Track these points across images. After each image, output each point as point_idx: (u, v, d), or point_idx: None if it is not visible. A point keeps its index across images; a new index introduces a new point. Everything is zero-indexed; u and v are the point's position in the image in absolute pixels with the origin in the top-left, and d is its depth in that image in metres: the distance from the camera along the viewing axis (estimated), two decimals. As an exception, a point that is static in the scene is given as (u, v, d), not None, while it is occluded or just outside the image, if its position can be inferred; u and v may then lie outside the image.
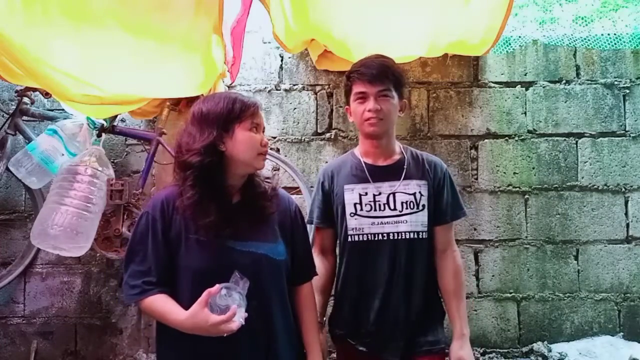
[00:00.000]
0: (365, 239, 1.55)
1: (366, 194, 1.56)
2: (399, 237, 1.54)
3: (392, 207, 1.55)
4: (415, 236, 1.55)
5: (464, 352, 1.56)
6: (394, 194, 1.55)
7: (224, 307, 1.16)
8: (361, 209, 1.56)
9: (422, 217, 1.55)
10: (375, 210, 1.55)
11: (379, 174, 1.58)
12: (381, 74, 1.51)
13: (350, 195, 1.57)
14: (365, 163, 1.61)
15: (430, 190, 1.58)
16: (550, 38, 2.74)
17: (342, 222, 1.61)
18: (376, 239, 1.54)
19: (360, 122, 1.56)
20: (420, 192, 1.56)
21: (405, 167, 1.58)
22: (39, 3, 1.74)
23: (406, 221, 1.54)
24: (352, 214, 1.57)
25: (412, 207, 1.54)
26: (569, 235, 2.66)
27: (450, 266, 1.59)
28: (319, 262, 1.62)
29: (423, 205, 1.55)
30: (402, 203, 1.55)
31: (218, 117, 1.30)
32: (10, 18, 1.66)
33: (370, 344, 1.56)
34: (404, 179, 1.56)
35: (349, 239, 1.58)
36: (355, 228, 1.57)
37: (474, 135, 2.73)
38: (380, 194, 1.56)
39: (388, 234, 1.54)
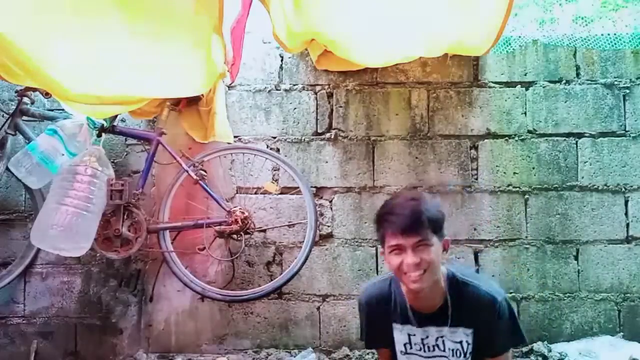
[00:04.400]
0: None
1: (415, 335, 1.54)
2: None
3: (441, 348, 1.52)
4: None
5: None
6: (442, 337, 1.51)
7: None
8: (411, 348, 1.55)
9: None
10: (424, 350, 1.53)
11: (425, 320, 1.52)
12: (416, 225, 1.36)
13: (399, 334, 1.54)
14: (410, 307, 1.53)
15: (479, 335, 1.50)
16: (550, 38, 2.74)
17: (393, 353, 1.60)
18: None
19: (398, 275, 1.43)
20: (467, 342, 1.50)
21: (450, 314, 1.49)
22: (39, 2, 1.74)
23: None
24: (402, 352, 1.56)
25: (458, 355, 1.51)
26: (569, 235, 2.66)
27: None
28: None
29: (470, 354, 1.51)
30: (449, 350, 1.51)
31: None
32: (10, 18, 1.66)
33: None
34: (450, 326, 1.49)
35: None
36: None
37: (474, 135, 2.73)
38: (428, 337, 1.52)
39: None
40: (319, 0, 2.17)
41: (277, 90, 2.79)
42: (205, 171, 2.50)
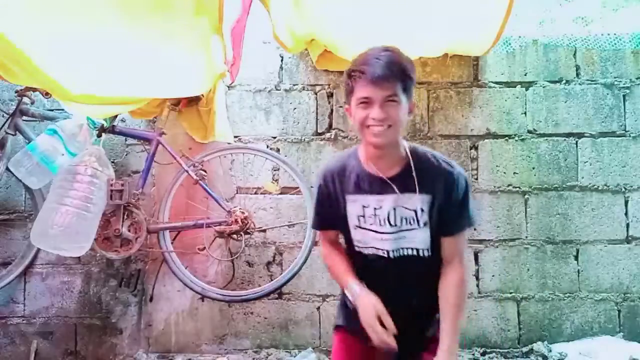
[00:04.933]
0: (368, 252, 1.48)
1: (368, 206, 1.45)
2: (399, 254, 1.45)
3: (392, 222, 1.43)
4: (415, 253, 1.45)
5: None
6: (394, 209, 1.43)
7: None
8: (364, 222, 1.47)
9: (422, 234, 1.44)
10: (376, 225, 1.45)
11: (381, 186, 1.43)
12: (389, 74, 1.29)
13: (353, 206, 1.46)
14: (368, 174, 1.46)
15: (435, 204, 1.43)
16: (550, 38, 2.74)
17: (344, 232, 1.53)
18: (378, 254, 1.46)
19: (361, 128, 1.37)
20: (421, 208, 1.42)
21: (408, 178, 1.42)
22: (39, 3, 1.74)
23: (405, 237, 1.44)
24: (356, 226, 1.48)
25: (411, 223, 1.43)
26: (569, 235, 2.66)
27: (453, 278, 1.46)
28: (333, 248, 1.60)
29: (424, 223, 1.43)
30: (402, 219, 1.43)
31: None
32: (10, 18, 1.66)
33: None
34: (406, 192, 1.42)
35: (356, 249, 1.52)
36: (360, 240, 1.49)
37: (474, 135, 2.73)
38: (381, 207, 1.44)
39: (389, 251, 1.45)
40: (319, 1, 2.18)
41: (277, 90, 2.79)
42: (205, 171, 2.50)
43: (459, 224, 1.47)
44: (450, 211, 1.44)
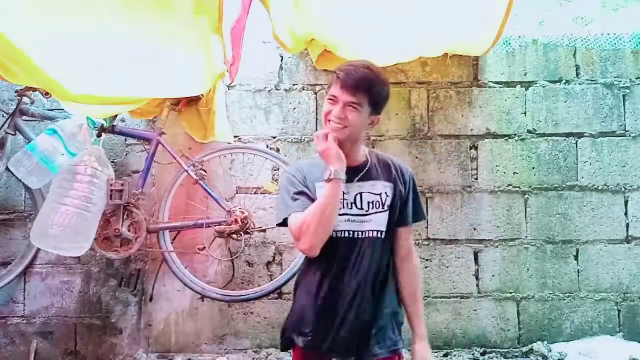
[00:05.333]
0: (335, 235, 1.55)
1: None
2: (365, 236, 1.56)
3: (359, 206, 1.57)
4: (378, 235, 1.57)
5: (428, 354, 1.58)
6: (360, 194, 1.57)
7: None
8: None
9: (385, 217, 1.58)
10: (343, 208, 1.55)
11: (348, 173, 1.54)
12: (357, 86, 1.48)
13: (321, 192, 1.54)
14: None
15: (397, 193, 1.60)
16: (550, 38, 2.75)
17: None
18: (344, 236, 1.56)
19: (325, 120, 1.55)
20: (386, 193, 1.58)
21: (370, 169, 1.61)
22: (39, 3, 1.74)
23: (371, 220, 1.57)
24: None
25: (377, 207, 1.57)
26: (569, 235, 2.66)
27: (412, 268, 1.64)
28: None
29: (388, 207, 1.58)
30: (368, 203, 1.57)
31: None
32: (10, 18, 1.66)
33: (334, 347, 1.56)
34: (370, 180, 1.59)
35: None
36: None
37: (474, 135, 2.73)
38: (348, 193, 1.56)
39: (355, 231, 1.56)
40: (319, 1, 2.18)
41: (277, 90, 2.79)
42: (205, 171, 2.50)
43: (416, 215, 1.65)
44: (408, 202, 1.63)
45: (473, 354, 2.56)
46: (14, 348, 2.66)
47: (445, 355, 2.57)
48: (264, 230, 2.67)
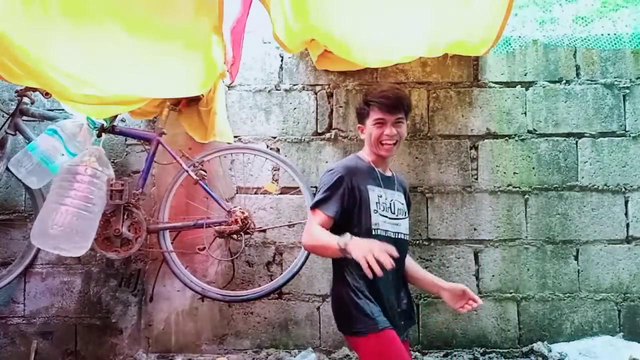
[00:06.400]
0: (382, 234, 1.77)
1: (382, 195, 1.83)
2: (398, 237, 1.84)
3: (393, 211, 1.84)
4: (405, 238, 1.89)
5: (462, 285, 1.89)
6: (392, 201, 1.86)
7: None
8: (380, 208, 1.81)
9: (407, 223, 1.91)
10: (387, 211, 1.82)
11: (385, 182, 1.86)
12: (399, 104, 1.81)
13: (373, 194, 1.80)
14: (377, 171, 1.87)
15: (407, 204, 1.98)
16: (550, 38, 2.75)
17: (360, 217, 1.78)
18: (386, 235, 1.78)
19: (375, 143, 1.83)
20: (403, 203, 1.92)
21: (394, 180, 1.93)
22: (38, 3, 1.74)
23: (400, 224, 1.86)
24: (375, 211, 1.79)
25: (403, 214, 1.89)
26: (569, 235, 2.66)
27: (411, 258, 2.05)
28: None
29: (406, 214, 1.92)
30: (397, 209, 1.87)
31: None
32: (10, 18, 1.66)
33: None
34: (396, 190, 1.90)
35: (373, 233, 1.76)
36: (377, 224, 1.78)
37: (474, 135, 2.73)
38: (387, 198, 1.84)
39: (393, 232, 1.82)
40: (318, 1, 2.18)
41: (277, 90, 2.79)
42: (205, 171, 2.50)
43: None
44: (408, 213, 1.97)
45: (473, 354, 2.56)
46: (14, 348, 2.66)
47: (445, 355, 2.57)
48: (264, 230, 2.67)
